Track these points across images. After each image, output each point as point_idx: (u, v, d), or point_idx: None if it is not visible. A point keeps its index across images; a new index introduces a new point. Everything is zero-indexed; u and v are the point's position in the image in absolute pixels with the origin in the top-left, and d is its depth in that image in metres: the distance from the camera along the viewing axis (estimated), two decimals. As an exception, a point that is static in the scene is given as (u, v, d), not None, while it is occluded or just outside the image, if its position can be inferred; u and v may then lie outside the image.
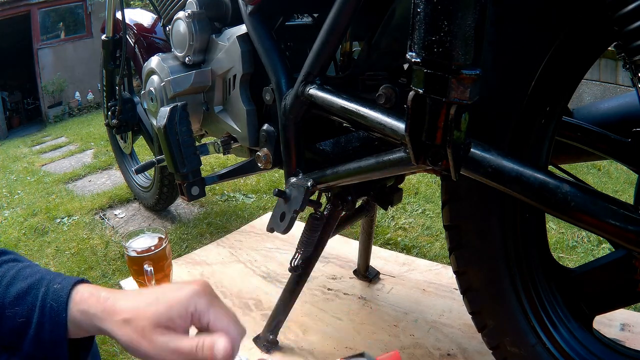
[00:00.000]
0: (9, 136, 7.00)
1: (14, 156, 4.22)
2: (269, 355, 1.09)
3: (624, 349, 0.69)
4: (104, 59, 1.73)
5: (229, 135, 1.07)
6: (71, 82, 7.55)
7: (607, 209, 0.48)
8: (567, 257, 1.53)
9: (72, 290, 0.49)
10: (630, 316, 1.13)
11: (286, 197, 0.85)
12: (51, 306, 0.48)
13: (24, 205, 2.47)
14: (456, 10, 0.42)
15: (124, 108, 1.71)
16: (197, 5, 1.00)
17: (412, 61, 0.46)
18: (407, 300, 1.25)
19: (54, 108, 7.51)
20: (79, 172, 2.98)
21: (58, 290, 0.49)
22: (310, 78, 0.76)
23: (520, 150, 0.62)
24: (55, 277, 0.51)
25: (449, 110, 0.47)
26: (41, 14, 7.30)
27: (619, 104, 0.74)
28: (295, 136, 0.84)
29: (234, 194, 2.20)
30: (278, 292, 1.10)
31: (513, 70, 0.60)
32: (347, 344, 1.11)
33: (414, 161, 0.54)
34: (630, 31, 0.44)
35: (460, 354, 1.06)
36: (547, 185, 0.50)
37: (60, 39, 7.66)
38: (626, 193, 2.05)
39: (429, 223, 1.78)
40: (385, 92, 0.72)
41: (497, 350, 0.76)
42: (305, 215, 1.64)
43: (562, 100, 0.62)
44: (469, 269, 0.73)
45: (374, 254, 1.39)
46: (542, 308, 0.69)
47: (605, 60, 2.86)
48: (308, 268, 1.02)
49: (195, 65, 1.04)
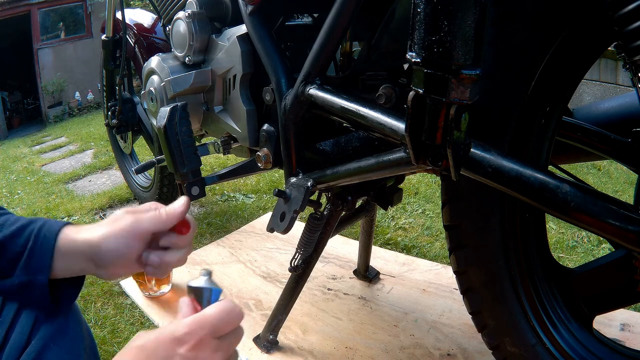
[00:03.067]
0: (9, 136, 7.00)
1: (14, 156, 4.22)
2: (268, 355, 1.09)
3: (624, 349, 0.69)
4: (104, 59, 1.73)
5: (229, 135, 1.07)
6: (71, 82, 7.55)
7: (607, 209, 0.48)
8: (567, 257, 1.53)
9: (65, 226, 0.56)
10: (630, 316, 1.14)
11: (286, 197, 0.85)
12: (44, 235, 0.54)
13: (24, 205, 2.47)
14: (456, 10, 0.42)
15: (124, 108, 1.71)
16: (197, 5, 1.00)
17: (412, 61, 0.46)
18: (407, 300, 1.25)
19: (54, 108, 7.51)
20: (79, 172, 2.98)
21: (52, 225, 0.56)
22: (310, 78, 0.76)
23: (520, 150, 0.62)
24: (51, 219, 0.58)
25: (449, 110, 0.47)
26: (41, 14, 7.31)
27: (619, 104, 0.74)
28: (295, 136, 0.84)
29: (234, 194, 2.20)
30: (278, 292, 1.10)
31: (513, 70, 0.60)
32: (347, 344, 1.11)
33: (414, 161, 0.54)
34: (630, 31, 0.44)
35: (460, 354, 1.06)
36: (547, 185, 0.50)
37: (60, 39, 7.66)
38: (626, 193, 2.05)
39: (429, 223, 1.78)
40: (385, 92, 0.72)
41: (497, 350, 0.76)
42: (305, 215, 1.64)
43: (562, 100, 0.62)
44: (469, 269, 0.73)
45: (374, 254, 1.40)
46: (542, 308, 0.69)
47: (605, 60, 2.86)
48: (308, 268, 1.02)
49: (195, 65, 1.04)
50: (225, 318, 0.47)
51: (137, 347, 0.44)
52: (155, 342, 0.44)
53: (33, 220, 0.56)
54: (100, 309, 1.34)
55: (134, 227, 0.56)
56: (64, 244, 0.55)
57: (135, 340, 0.46)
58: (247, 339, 1.15)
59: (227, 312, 0.47)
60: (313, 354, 1.09)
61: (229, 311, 0.47)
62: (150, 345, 0.44)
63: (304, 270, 1.02)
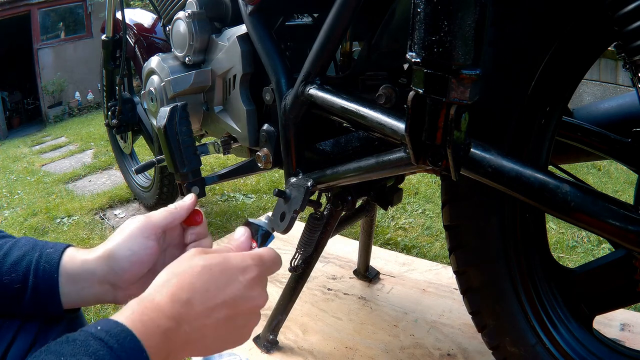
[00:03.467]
0: (9, 136, 7.00)
1: (14, 156, 4.22)
2: (268, 355, 1.09)
3: (624, 349, 0.69)
4: (104, 59, 1.73)
5: (229, 135, 1.07)
6: (71, 82, 7.56)
7: (607, 209, 0.48)
8: (567, 257, 1.53)
9: (64, 251, 0.53)
10: (630, 316, 1.14)
11: (286, 197, 0.85)
12: (44, 268, 0.51)
13: (24, 205, 2.47)
14: (456, 10, 0.42)
15: (124, 108, 1.71)
16: (197, 5, 1.00)
17: (412, 61, 0.46)
18: (407, 300, 1.25)
19: (54, 108, 7.51)
20: (79, 172, 2.98)
21: (51, 253, 0.53)
22: (310, 78, 0.76)
23: (520, 150, 0.62)
24: (47, 244, 0.54)
25: (449, 110, 0.47)
26: (41, 14, 7.31)
27: (619, 104, 0.74)
28: (295, 136, 0.84)
29: (234, 194, 2.20)
30: (278, 292, 1.10)
31: (513, 70, 0.60)
32: (347, 344, 1.11)
33: (414, 161, 0.54)
34: (630, 31, 0.44)
35: (460, 354, 1.06)
36: (547, 185, 0.50)
37: (60, 39, 7.67)
38: (626, 193, 2.05)
39: (429, 223, 1.78)
40: (385, 92, 0.72)
41: (497, 350, 0.76)
42: (305, 215, 1.64)
43: (562, 101, 0.62)
44: (469, 269, 0.73)
45: (374, 254, 1.40)
46: (542, 308, 0.69)
47: (605, 60, 2.86)
48: (308, 268, 1.02)
49: (195, 65, 1.04)
50: (277, 262, 0.52)
51: (203, 267, 0.45)
52: (223, 267, 0.46)
53: (27, 252, 0.53)
54: (100, 308, 1.34)
55: (144, 224, 0.54)
56: (71, 267, 0.52)
57: (194, 258, 0.47)
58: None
59: (278, 258, 0.52)
60: (313, 354, 1.09)
61: (279, 258, 0.52)
62: (216, 268, 0.46)
63: (304, 270, 1.02)
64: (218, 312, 0.45)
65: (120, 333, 0.38)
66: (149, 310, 0.41)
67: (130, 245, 0.53)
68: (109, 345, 0.37)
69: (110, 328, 0.38)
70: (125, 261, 0.53)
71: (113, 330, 0.38)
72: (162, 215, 0.56)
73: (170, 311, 0.42)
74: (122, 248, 0.53)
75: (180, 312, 0.43)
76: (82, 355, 0.35)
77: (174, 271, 0.46)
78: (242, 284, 0.46)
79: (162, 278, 0.45)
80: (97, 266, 0.53)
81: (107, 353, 0.36)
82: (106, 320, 0.39)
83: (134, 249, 0.53)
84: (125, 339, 0.38)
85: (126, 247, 0.53)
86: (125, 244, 0.53)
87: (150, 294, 0.43)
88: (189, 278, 0.45)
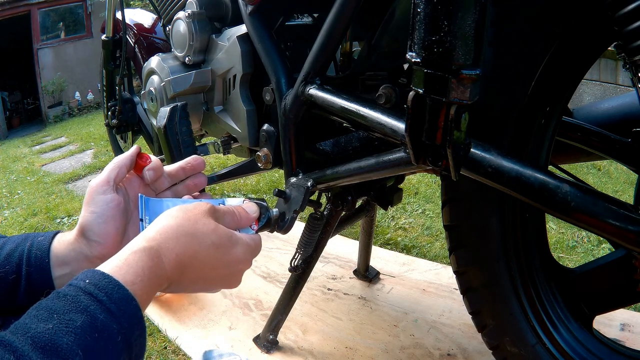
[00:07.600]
0: (9, 136, 7.00)
1: (14, 156, 4.22)
2: (268, 355, 1.09)
3: (624, 349, 0.69)
4: (104, 59, 1.73)
5: (229, 135, 1.07)
6: (71, 82, 7.55)
7: (607, 209, 0.48)
8: (567, 257, 1.53)
9: (54, 237, 0.54)
10: (630, 316, 1.14)
11: (286, 197, 0.85)
12: (36, 255, 0.52)
13: (24, 205, 2.47)
14: (456, 10, 0.42)
15: (124, 108, 1.71)
16: (197, 5, 1.00)
17: (412, 61, 0.46)
18: (407, 300, 1.25)
19: (54, 108, 7.51)
20: (79, 172, 2.98)
21: (41, 241, 0.54)
22: (310, 78, 0.76)
23: (520, 150, 0.62)
24: (39, 234, 0.55)
25: (449, 110, 0.47)
26: (41, 14, 7.30)
27: (619, 104, 0.74)
28: (295, 136, 0.84)
29: (234, 194, 2.20)
30: (278, 292, 1.10)
31: (513, 70, 0.59)
32: (347, 344, 1.11)
33: (414, 161, 0.54)
34: (630, 31, 0.44)
35: (460, 354, 1.06)
36: (547, 185, 0.50)
37: (60, 39, 7.66)
38: (626, 193, 2.05)
39: (429, 223, 1.78)
40: (385, 92, 0.72)
41: (497, 350, 0.76)
42: (305, 215, 1.64)
43: (562, 101, 0.62)
44: (469, 269, 0.73)
45: (374, 254, 1.40)
46: (542, 308, 0.69)
47: (605, 60, 2.86)
48: (308, 268, 1.02)
49: (195, 65, 1.04)
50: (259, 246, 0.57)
51: (212, 244, 0.49)
52: (227, 249, 0.50)
53: (19, 243, 0.54)
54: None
55: (95, 184, 0.55)
56: (60, 250, 0.53)
57: (208, 225, 0.49)
58: (247, 339, 1.15)
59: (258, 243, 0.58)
60: (313, 354, 1.09)
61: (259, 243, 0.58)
62: (222, 250, 0.50)
63: (304, 270, 1.02)
64: (204, 279, 0.50)
65: (107, 285, 0.39)
66: (155, 267, 0.44)
67: (92, 209, 0.54)
68: (98, 299, 0.38)
69: (98, 281, 0.39)
70: (96, 226, 0.54)
71: (101, 282, 0.39)
72: (107, 168, 0.58)
73: (171, 272, 0.45)
74: (87, 214, 0.54)
75: (174, 275, 0.46)
76: (73, 313, 0.36)
77: (185, 230, 0.47)
78: (236, 268, 0.53)
79: (172, 230, 0.47)
80: (79, 244, 0.54)
81: (98, 307, 0.37)
82: (92, 272, 0.40)
83: (97, 210, 0.54)
84: (113, 289, 0.39)
85: (90, 211, 0.54)
86: (88, 210, 0.54)
87: (159, 245, 0.45)
88: (197, 247, 0.47)
